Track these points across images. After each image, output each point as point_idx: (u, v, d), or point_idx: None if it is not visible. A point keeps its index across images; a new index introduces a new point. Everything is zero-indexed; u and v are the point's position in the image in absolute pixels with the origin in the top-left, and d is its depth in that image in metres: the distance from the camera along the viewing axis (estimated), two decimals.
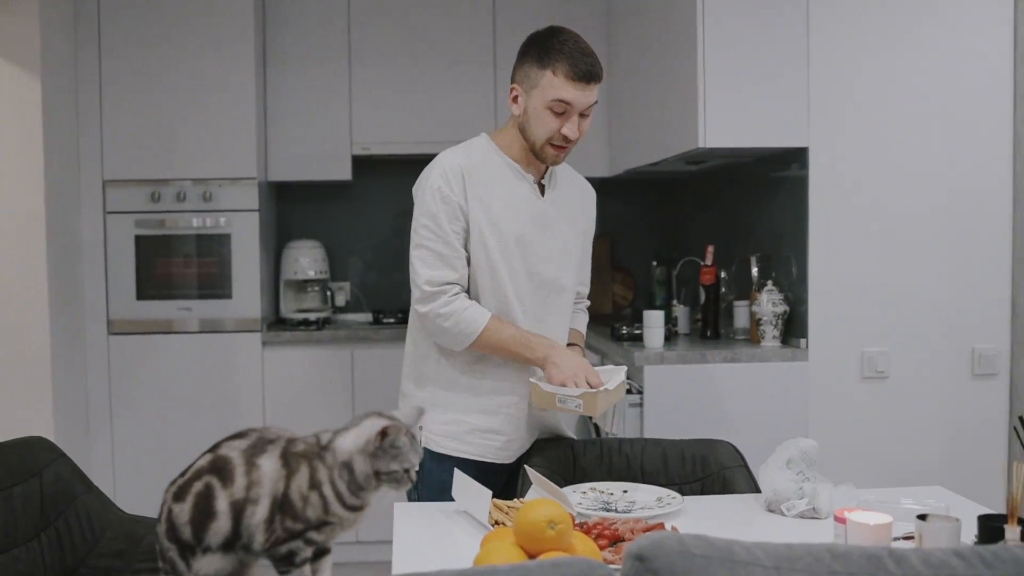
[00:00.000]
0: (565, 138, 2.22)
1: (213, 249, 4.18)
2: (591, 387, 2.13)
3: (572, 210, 2.41)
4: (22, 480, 2.28)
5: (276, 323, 4.52)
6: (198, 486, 1.51)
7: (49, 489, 2.31)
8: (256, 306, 4.18)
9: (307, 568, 1.51)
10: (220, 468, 1.50)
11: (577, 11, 4.48)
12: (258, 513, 1.48)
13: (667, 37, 3.55)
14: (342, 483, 1.49)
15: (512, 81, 2.28)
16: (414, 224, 2.28)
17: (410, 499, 2.32)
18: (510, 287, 2.27)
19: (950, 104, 3.31)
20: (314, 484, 1.48)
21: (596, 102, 2.24)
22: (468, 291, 2.28)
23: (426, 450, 2.32)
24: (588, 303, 2.62)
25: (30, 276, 3.68)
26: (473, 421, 2.31)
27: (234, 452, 1.51)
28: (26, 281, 3.68)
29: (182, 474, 1.55)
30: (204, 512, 1.49)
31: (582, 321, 2.57)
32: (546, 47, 2.20)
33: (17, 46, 3.62)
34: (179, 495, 1.53)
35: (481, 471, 2.24)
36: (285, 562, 1.49)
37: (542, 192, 2.35)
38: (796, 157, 3.34)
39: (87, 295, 4.12)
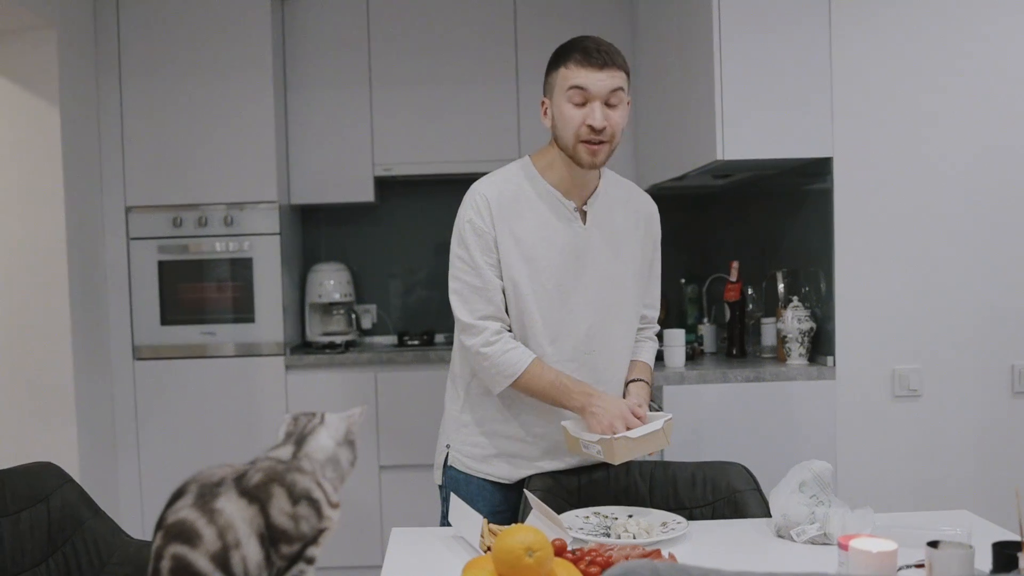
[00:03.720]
0: (592, 129, 2.11)
1: (236, 273, 4.17)
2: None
3: (621, 232, 2.29)
4: (29, 505, 2.28)
5: (302, 346, 4.50)
6: (166, 564, 1.35)
7: (56, 514, 2.31)
8: (279, 329, 4.16)
9: None
10: (178, 534, 1.35)
11: (599, 28, 4.42)
12: (250, 556, 1.36)
13: (687, 51, 3.48)
14: (327, 482, 1.43)
15: (543, 100, 2.25)
16: (451, 257, 2.23)
17: (443, 522, 2.26)
18: (538, 322, 2.19)
19: (978, 111, 3.19)
20: (298, 497, 1.41)
21: (622, 89, 2.14)
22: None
23: (453, 469, 2.31)
24: (657, 328, 2.48)
25: (53, 303, 3.71)
26: (501, 445, 2.27)
27: (183, 512, 1.37)
28: (49, 309, 3.71)
29: (147, 573, 1.40)
30: None
31: (648, 351, 2.43)
32: (561, 50, 2.18)
33: (36, 76, 3.66)
34: None
35: (505, 491, 2.24)
36: None
37: (584, 219, 2.24)
38: (821, 168, 3.24)
39: (112, 321, 4.14)
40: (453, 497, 1.98)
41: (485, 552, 1.76)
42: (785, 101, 3.13)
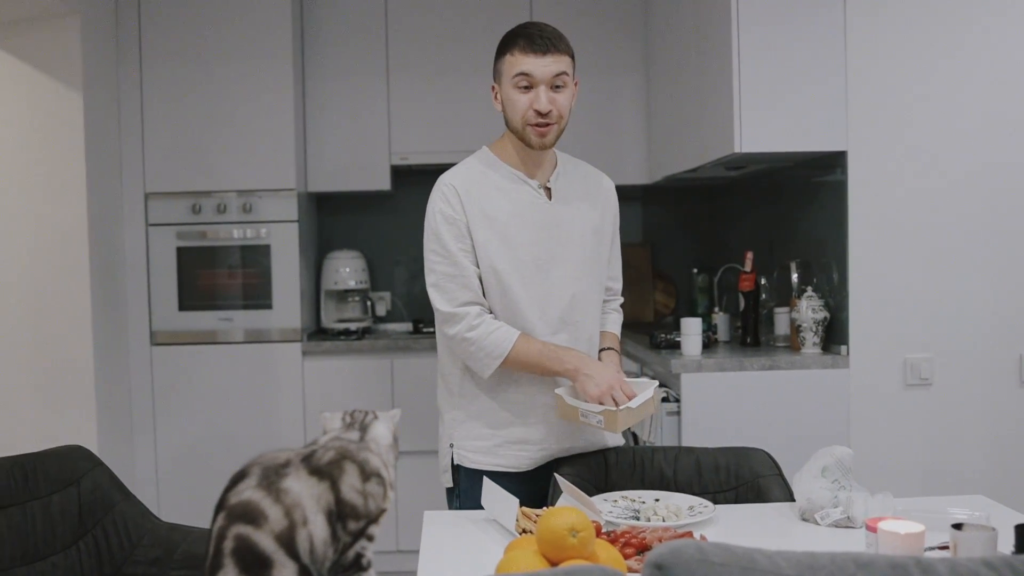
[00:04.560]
0: (538, 113, 2.21)
1: (254, 260, 4.22)
2: (623, 401, 2.11)
3: (586, 208, 2.37)
4: (60, 488, 2.32)
5: (317, 333, 4.55)
6: (229, 544, 1.36)
7: (87, 497, 2.35)
8: (296, 316, 4.21)
9: (373, 571, 1.48)
10: (242, 514, 1.37)
11: (613, 20, 4.47)
12: (316, 534, 1.39)
13: (703, 44, 3.52)
14: (392, 466, 1.49)
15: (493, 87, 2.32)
16: (425, 252, 2.30)
17: None
18: (525, 301, 2.25)
19: (992, 104, 3.24)
20: (369, 474, 1.45)
21: (566, 73, 2.23)
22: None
23: (461, 467, 2.33)
24: (621, 300, 2.55)
25: (73, 288, 3.75)
26: (502, 434, 2.30)
27: (247, 493, 1.38)
28: (69, 293, 3.75)
29: (205, 553, 1.41)
30: (254, 563, 1.36)
31: (615, 322, 2.51)
32: (506, 37, 2.27)
33: (60, 62, 3.70)
34: (214, 568, 1.38)
35: (515, 480, 2.24)
36: (354, 567, 1.45)
37: (549, 196, 2.32)
38: (835, 161, 3.29)
39: (130, 306, 4.18)
40: (486, 480, 2.03)
41: (520, 535, 1.81)
42: (801, 96, 3.18)
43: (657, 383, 2.25)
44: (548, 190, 2.33)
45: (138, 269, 4.19)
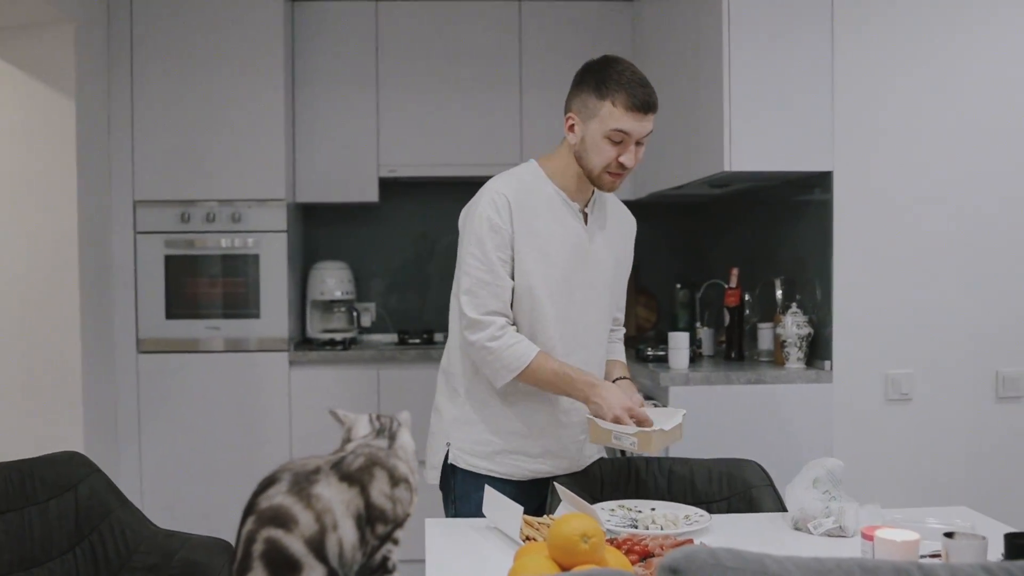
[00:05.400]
0: (622, 166, 2.24)
1: (241, 269, 4.24)
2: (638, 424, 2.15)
3: (613, 238, 2.43)
4: (58, 494, 2.33)
5: (302, 343, 4.57)
6: (259, 547, 1.38)
7: (84, 503, 2.35)
8: (283, 326, 4.23)
9: (398, 574, 1.50)
10: (273, 518, 1.40)
11: (603, 36, 4.53)
12: (346, 538, 1.42)
13: (693, 62, 3.59)
14: (416, 472, 1.53)
15: (568, 110, 2.30)
16: (461, 252, 2.29)
17: (447, 517, 2.37)
18: (551, 318, 2.29)
19: (974, 128, 3.33)
20: (398, 480, 1.48)
21: (652, 131, 2.26)
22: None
23: (455, 467, 2.36)
24: (624, 331, 2.62)
25: (63, 295, 3.75)
26: (502, 442, 2.33)
27: (278, 498, 1.41)
28: (59, 300, 3.75)
29: (232, 556, 1.43)
30: (283, 566, 1.38)
31: (622, 352, 2.58)
32: (604, 77, 2.23)
33: (53, 70, 3.71)
34: (242, 570, 1.39)
35: (509, 489, 2.26)
36: (380, 570, 1.47)
37: (585, 221, 2.37)
38: (820, 181, 3.37)
39: (117, 314, 4.18)
40: (488, 489, 2.07)
41: (524, 542, 1.85)
42: (789, 117, 3.27)
43: (684, 412, 2.28)
44: (585, 215, 2.37)
45: (126, 277, 4.19)
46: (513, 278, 2.27)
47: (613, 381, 2.44)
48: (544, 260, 2.27)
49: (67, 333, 3.76)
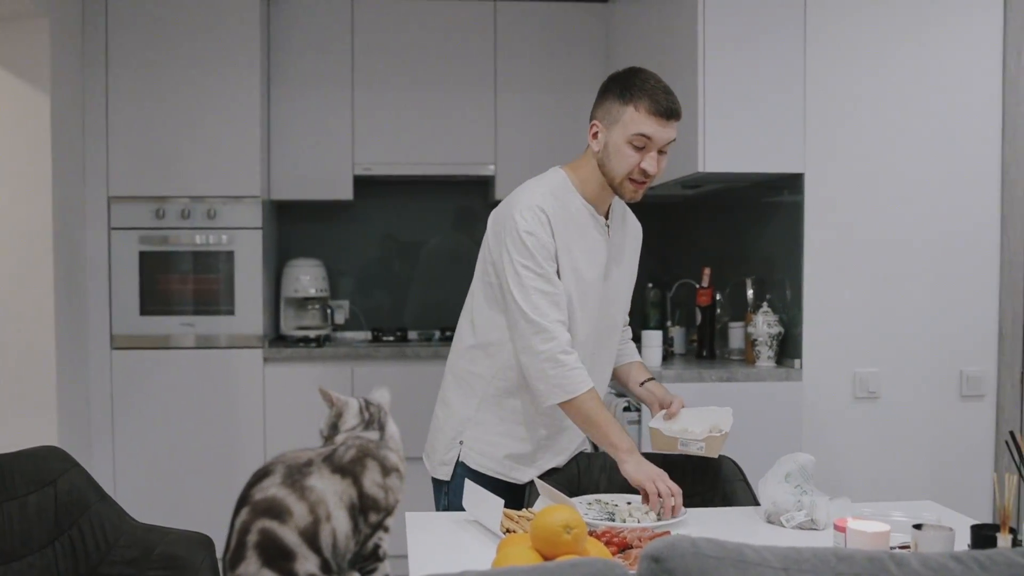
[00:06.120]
0: (644, 173, 2.25)
1: (216, 266, 4.24)
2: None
3: (629, 250, 2.48)
4: (37, 488, 2.33)
5: (276, 340, 4.58)
6: (253, 538, 1.42)
7: (63, 498, 2.36)
8: (258, 323, 4.24)
9: (387, 562, 1.53)
10: (267, 509, 1.43)
11: (578, 38, 4.58)
12: (339, 528, 1.45)
13: (668, 64, 3.63)
14: (403, 459, 1.57)
15: (592, 118, 2.31)
16: (510, 267, 2.25)
17: (439, 508, 2.43)
18: (579, 325, 2.32)
19: (942, 131, 3.41)
20: (389, 470, 1.52)
21: (674, 140, 2.28)
22: None
23: (463, 464, 2.39)
24: (631, 330, 2.68)
25: (37, 290, 3.73)
26: (510, 447, 2.37)
27: (272, 490, 1.45)
28: (34, 295, 3.73)
29: (226, 546, 1.46)
30: (277, 556, 1.41)
31: (635, 351, 2.66)
32: (628, 84, 2.25)
33: (28, 63, 3.69)
34: (236, 560, 1.43)
35: (507, 490, 2.34)
36: (372, 558, 1.51)
37: (607, 232, 2.40)
38: (791, 183, 3.44)
39: (91, 309, 4.17)
40: (468, 483, 2.10)
41: (505, 535, 1.88)
42: (762, 120, 3.33)
43: (730, 409, 2.39)
44: (607, 226, 2.39)
45: (100, 272, 4.18)
46: None
47: (640, 384, 2.53)
48: (575, 272, 2.30)
49: (41, 329, 3.74)
